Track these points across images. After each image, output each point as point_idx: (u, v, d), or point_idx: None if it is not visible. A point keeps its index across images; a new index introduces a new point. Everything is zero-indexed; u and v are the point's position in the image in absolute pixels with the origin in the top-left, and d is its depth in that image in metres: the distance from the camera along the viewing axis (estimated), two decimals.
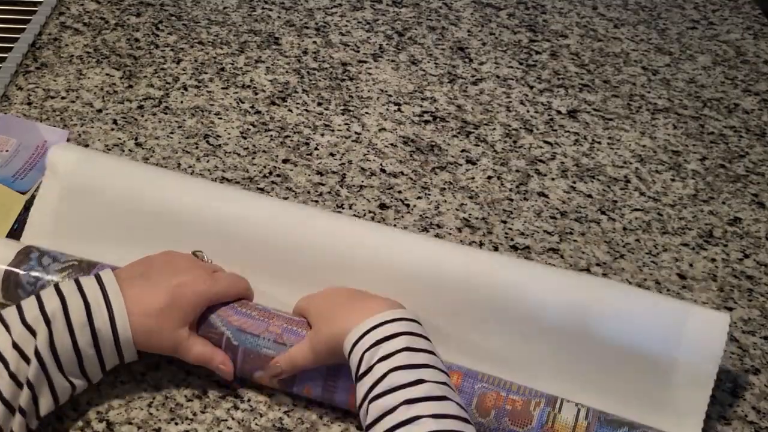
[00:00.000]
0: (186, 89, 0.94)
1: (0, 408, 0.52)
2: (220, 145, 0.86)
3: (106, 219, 0.69)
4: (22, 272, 0.64)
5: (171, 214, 0.68)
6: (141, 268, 0.61)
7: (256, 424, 0.61)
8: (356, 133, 0.90)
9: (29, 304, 0.56)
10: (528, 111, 0.97)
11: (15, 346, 0.54)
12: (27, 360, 0.54)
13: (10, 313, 0.55)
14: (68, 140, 0.83)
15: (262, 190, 0.81)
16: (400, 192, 0.83)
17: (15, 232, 0.71)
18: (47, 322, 0.55)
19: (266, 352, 0.60)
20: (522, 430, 0.58)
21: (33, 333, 0.54)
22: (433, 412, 0.50)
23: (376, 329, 0.55)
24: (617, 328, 0.62)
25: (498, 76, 1.03)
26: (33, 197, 0.72)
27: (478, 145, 0.91)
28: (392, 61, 1.03)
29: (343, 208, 0.80)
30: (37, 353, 0.54)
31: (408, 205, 0.82)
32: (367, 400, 0.53)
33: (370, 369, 0.53)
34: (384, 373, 0.53)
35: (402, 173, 0.86)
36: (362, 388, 0.54)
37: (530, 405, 0.59)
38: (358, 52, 1.04)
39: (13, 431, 0.53)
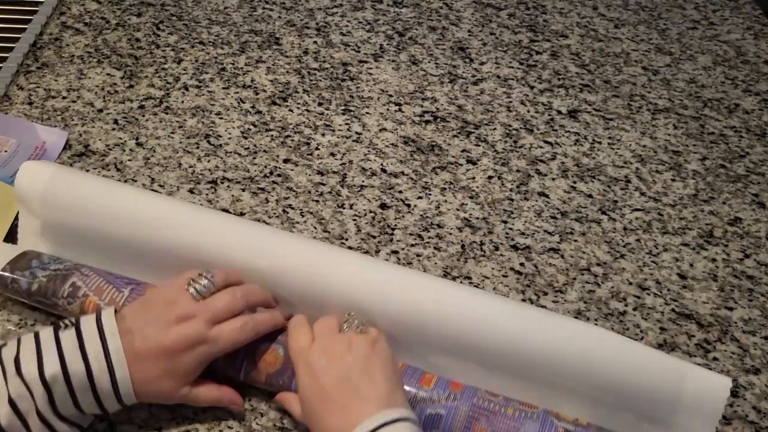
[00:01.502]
0: (187, 89, 0.94)
1: None
2: (220, 145, 0.86)
3: (80, 244, 0.67)
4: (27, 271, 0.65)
5: (135, 239, 0.65)
6: (141, 319, 0.58)
7: (257, 424, 0.61)
8: (357, 133, 0.91)
9: (27, 360, 0.54)
10: (528, 111, 0.97)
11: (11, 402, 0.53)
12: (22, 419, 0.53)
13: (8, 364, 0.54)
14: (67, 141, 0.84)
15: (262, 189, 0.81)
16: (400, 192, 0.83)
17: (15, 230, 0.71)
18: (46, 386, 0.53)
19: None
20: (529, 410, 0.59)
21: (31, 394, 0.53)
22: None
23: None
24: (615, 386, 0.59)
25: (498, 76, 1.03)
26: None
27: (479, 145, 0.91)
28: (393, 61, 1.03)
29: (343, 208, 0.80)
30: (39, 414, 0.53)
31: (408, 205, 0.82)
32: None
33: None
34: None
35: (403, 173, 0.86)
36: None
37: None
38: (359, 52, 1.04)
39: None
